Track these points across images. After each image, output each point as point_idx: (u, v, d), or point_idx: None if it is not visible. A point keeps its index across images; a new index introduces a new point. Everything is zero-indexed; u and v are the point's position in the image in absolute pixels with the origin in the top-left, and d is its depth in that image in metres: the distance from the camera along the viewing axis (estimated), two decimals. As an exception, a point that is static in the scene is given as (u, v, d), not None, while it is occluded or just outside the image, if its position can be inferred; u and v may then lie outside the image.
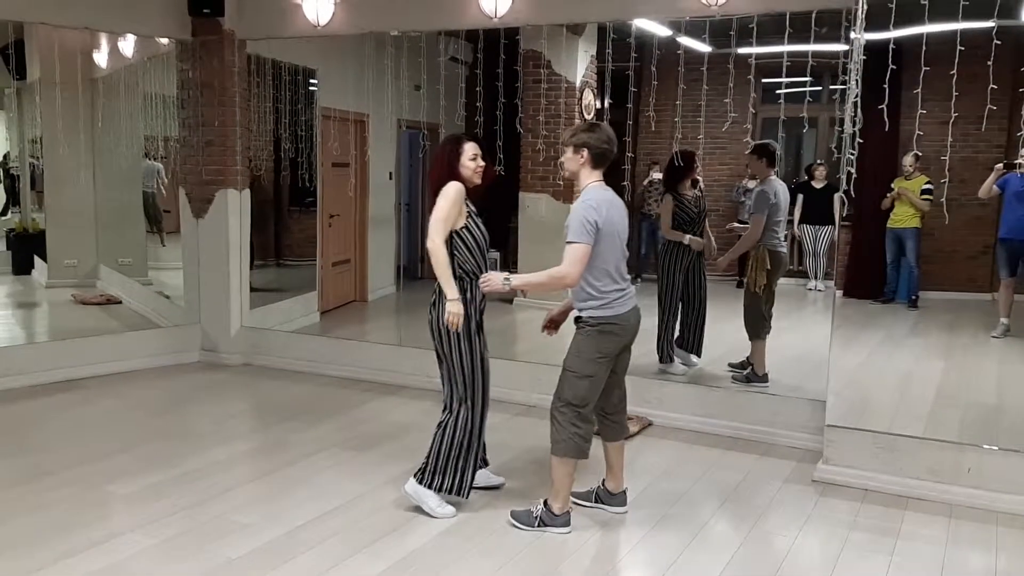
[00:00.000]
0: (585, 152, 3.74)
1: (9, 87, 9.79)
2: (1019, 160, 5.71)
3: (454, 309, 3.80)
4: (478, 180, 3.97)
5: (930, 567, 3.64)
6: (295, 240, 8.80)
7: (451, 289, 3.81)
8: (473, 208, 3.99)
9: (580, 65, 7.82)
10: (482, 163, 3.96)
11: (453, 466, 3.96)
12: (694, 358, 6.27)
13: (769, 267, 5.89)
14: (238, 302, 7.01)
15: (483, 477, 4.28)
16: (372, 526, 3.90)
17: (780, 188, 5.94)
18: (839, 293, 5.07)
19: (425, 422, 4.37)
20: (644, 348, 6.36)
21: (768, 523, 4.08)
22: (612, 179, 7.00)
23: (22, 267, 9.99)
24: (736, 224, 6.70)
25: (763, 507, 4.25)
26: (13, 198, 10.91)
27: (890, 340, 6.81)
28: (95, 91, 8.99)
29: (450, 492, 3.98)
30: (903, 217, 6.88)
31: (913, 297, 7.18)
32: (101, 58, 8.72)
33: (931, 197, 6.76)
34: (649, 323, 6.42)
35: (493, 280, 3.76)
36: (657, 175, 8.02)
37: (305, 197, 8.39)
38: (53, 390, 6.07)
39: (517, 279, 3.79)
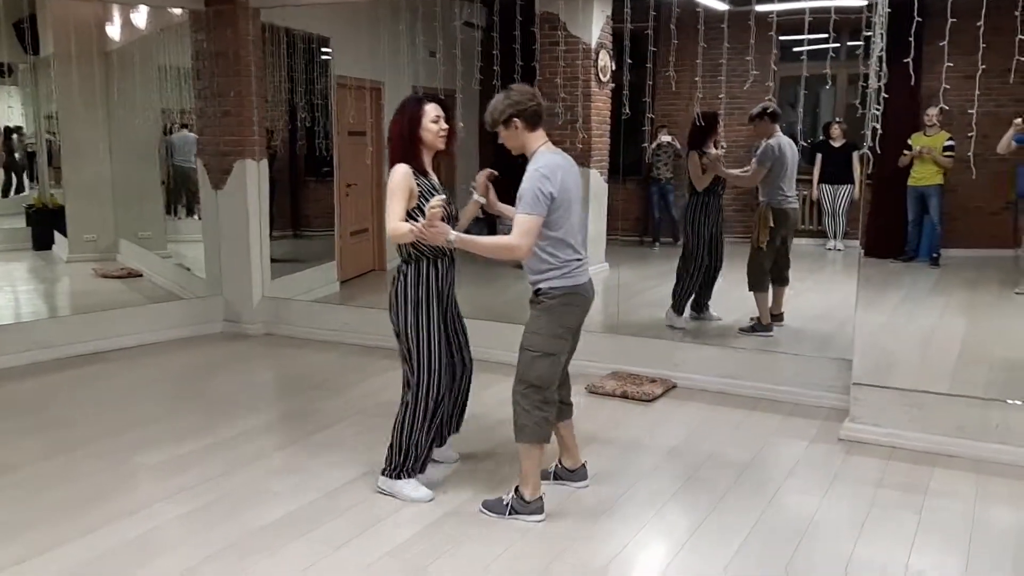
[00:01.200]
0: (517, 121, 3.49)
1: (24, 63, 9.79)
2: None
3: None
4: (441, 145, 3.73)
5: (959, 523, 3.64)
6: (312, 210, 8.81)
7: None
8: (433, 182, 3.75)
9: (596, 26, 7.73)
10: (445, 126, 3.70)
11: (411, 453, 3.81)
12: (710, 311, 6.45)
13: (772, 224, 6.06)
14: (259, 272, 7.03)
15: (441, 453, 4.18)
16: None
17: (786, 143, 6.07)
18: (862, 252, 5.02)
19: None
20: (662, 309, 6.40)
21: (795, 482, 4.08)
22: (631, 144, 7.01)
23: (42, 243, 10.06)
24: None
25: (790, 466, 4.25)
26: (31, 173, 10.95)
27: (912, 298, 6.78)
28: (109, 64, 8.99)
29: (410, 474, 3.85)
30: (926, 175, 6.79)
31: (935, 255, 7.13)
32: (114, 31, 8.70)
33: (953, 154, 6.68)
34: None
35: (439, 230, 3.40)
36: (666, 138, 7.97)
37: (321, 167, 8.38)
38: (79, 363, 6.13)
39: (464, 238, 3.48)
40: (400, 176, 3.63)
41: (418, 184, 3.66)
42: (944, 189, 6.77)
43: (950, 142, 6.66)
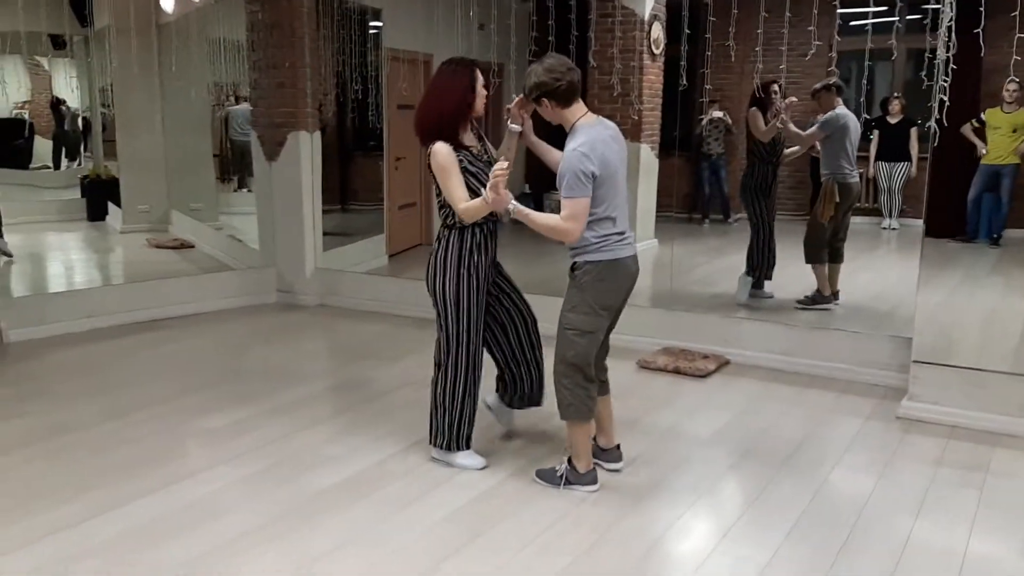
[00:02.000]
0: (546, 101, 3.38)
1: (78, 35, 9.93)
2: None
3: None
4: (481, 111, 3.66)
5: (1022, 503, 3.58)
6: (361, 184, 8.84)
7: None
8: (472, 150, 3.67)
9: (649, -1, 7.65)
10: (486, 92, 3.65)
11: (458, 422, 3.81)
12: (767, 290, 6.43)
13: (838, 199, 6.05)
14: (312, 244, 7.08)
15: (502, 409, 4.16)
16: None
17: (850, 116, 6.06)
18: (924, 229, 4.93)
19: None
20: (719, 287, 6.36)
21: (852, 459, 4.03)
22: (683, 119, 6.93)
23: (96, 214, 10.24)
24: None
25: (846, 443, 4.21)
26: (84, 145, 11.13)
27: (972, 277, 6.63)
28: (163, 37, 9.08)
29: (460, 446, 3.85)
30: (1003, 153, 6.53)
31: (996, 236, 6.94)
32: (168, 3, 8.77)
33: None
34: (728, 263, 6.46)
35: (502, 198, 3.34)
36: (717, 114, 7.89)
37: (370, 141, 8.40)
38: (135, 330, 6.23)
39: (521, 209, 3.40)
40: (447, 154, 3.55)
41: (460, 158, 3.59)
42: (1020, 168, 6.55)
43: (1034, 119, 6.42)
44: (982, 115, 6.31)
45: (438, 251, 3.72)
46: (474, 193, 3.56)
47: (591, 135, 3.38)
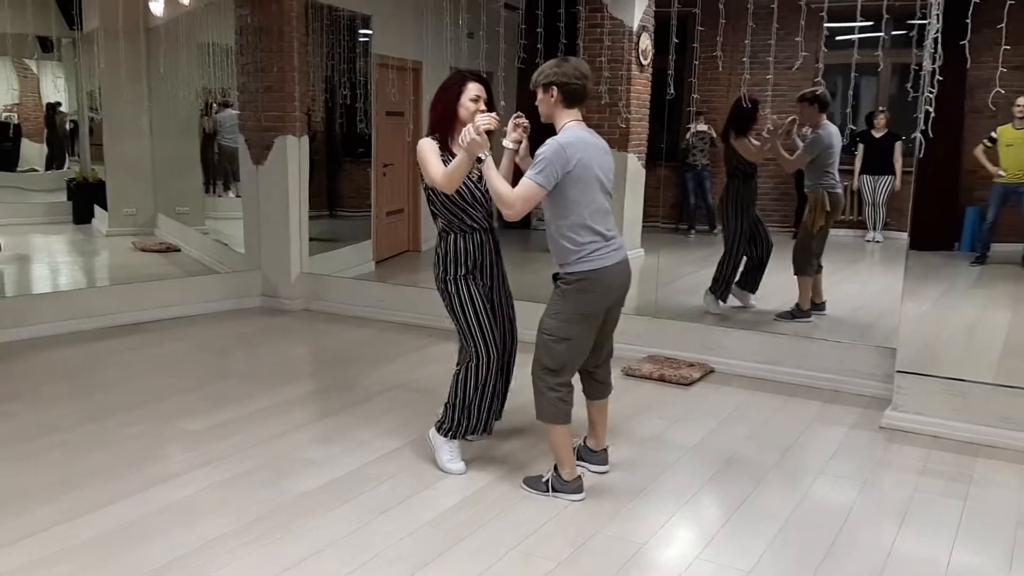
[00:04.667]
0: (555, 90, 3.42)
1: (67, 38, 9.88)
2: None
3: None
4: (491, 128, 3.66)
5: (1005, 512, 3.59)
6: (348, 190, 8.83)
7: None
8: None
9: (638, 9, 7.68)
10: (483, 108, 3.67)
11: (468, 414, 3.83)
12: (752, 298, 6.43)
13: (828, 209, 6.08)
14: (298, 248, 7.06)
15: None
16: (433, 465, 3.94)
17: (834, 132, 6.07)
18: (908, 241, 4.95)
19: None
20: (698, 296, 6.38)
21: (836, 468, 4.04)
22: (669, 129, 6.94)
23: (82, 216, 10.18)
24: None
25: (830, 453, 4.21)
26: (71, 148, 11.07)
27: (956, 290, 6.67)
28: (152, 40, 9.05)
29: (471, 433, 3.88)
30: (1019, 170, 6.40)
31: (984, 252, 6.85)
32: (158, 7, 8.75)
33: None
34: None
35: (480, 140, 3.39)
36: (702, 126, 7.92)
37: (358, 147, 8.39)
38: (119, 332, 6.20)
39: (489, 166, 3.44)
40: (426, 143, 3.66)
41: (444, 159, 3.65)
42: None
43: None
44: (993, 133, 6.25)
45: (436, 256, 3.82)
46: (446, 197, 3.67)
47: (577, 135, 3.43)
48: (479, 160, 3.45)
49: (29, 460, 3.95)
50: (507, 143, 3.68)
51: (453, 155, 3.66)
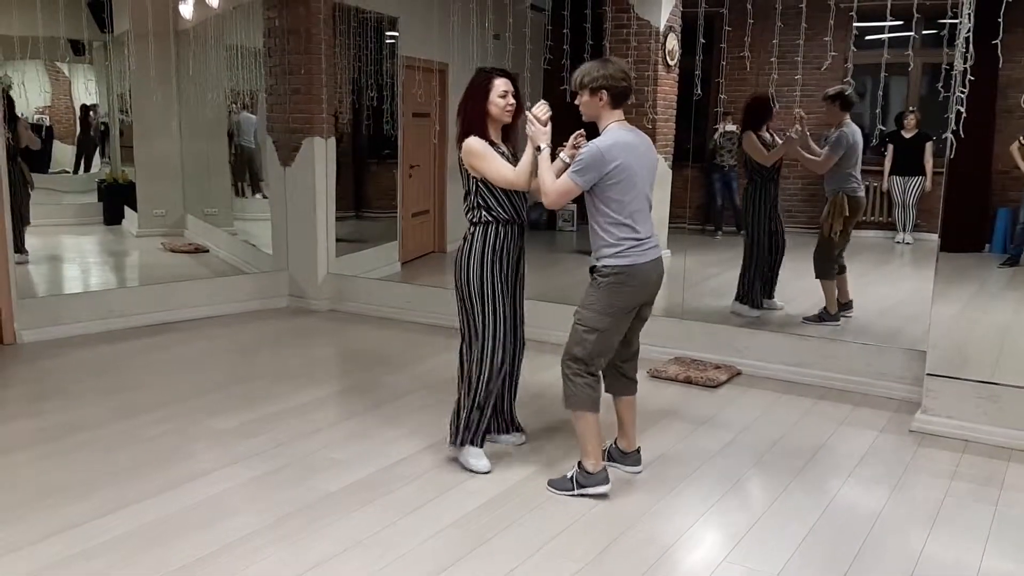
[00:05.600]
0: (604, 94, 3.48)
1: (98, 40, 10.00)
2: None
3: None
4: (507, 119, 3.75)
5: (1037, 518, 3.54)
6: (374, 191, 8.87)
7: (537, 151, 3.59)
8: (507, 150, 3.80)
9: (664, 9, 7.64)
10: (513, 101, 3.72)
11: (479, 415, 3.82)
12: (778, 302, 6.37)
13: (847, 213, 5.99)
14: (325, 249, 7.10)
15: (505, 436, 4.19)
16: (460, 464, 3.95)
17: (857, 132, 6.00)
18: (939, 243, 4.89)
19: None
20: (731, 298, 6.35)
21: (865, 471, 4.00)
22: (696, 130, 6.93)
23: (113, 217, 10.27)
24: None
25: (859, 456, 4.17)
26: (102, 150, 11.20)
27: (987, 292, 6.59)
28: (181, 43, 9.14)
29: (471, 442, 3.86)
30: None
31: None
32: (187, 9, 8.83)
33: None
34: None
35: (539, 132, 3.52)
36: (730, 127, 7.87)
37: (384, 148, 8.43)
38: (150, 332, 6.27)
39: (544, 157, 3.54)
40: (478, 142, 3.68)
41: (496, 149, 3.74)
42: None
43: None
44: None
45: (464, 247, 3.80)
46: (490, 189, 3.71)
47: (619, 137, 3.49)
48: (538, 149, 3.53)
49: (60, 457, 4.00)
50: (564, 156, 3.72)
51: (506, 147, 3.77)
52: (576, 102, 3.60)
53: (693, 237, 8.08)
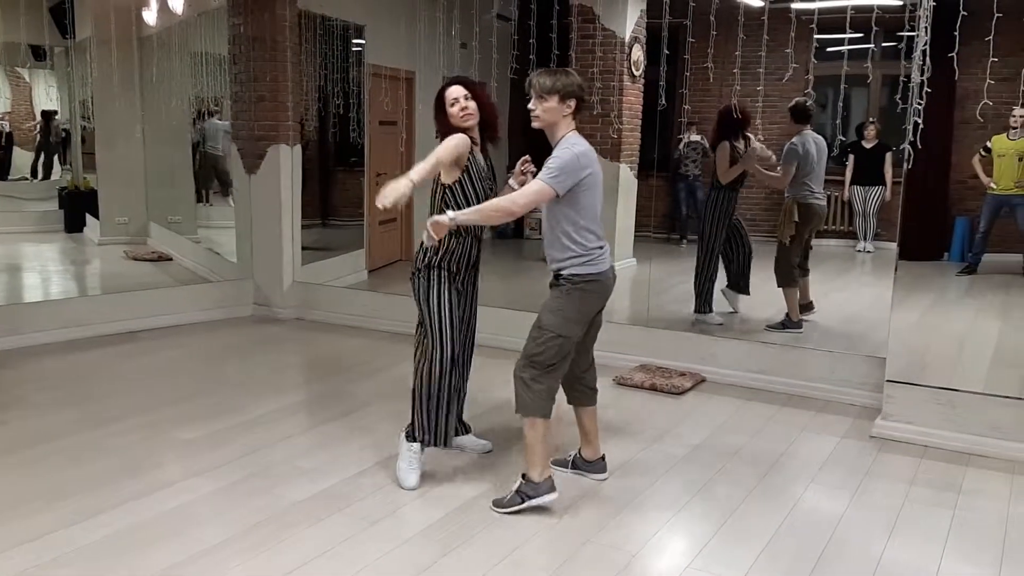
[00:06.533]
0: (573, 102, 3.49)
1: (60, 46, 9.88)
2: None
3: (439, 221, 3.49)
4: (464, 124, 3.73)
5: (994, 521, 3.61)
6: (341, 199, 8.84)
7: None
8: (480, 163, 3.80)
9: (630, 20, 7.72)
10: (465, 104, 3.71)
11: (426, 415, 3.84)
12: (740, 301, 6.47)
13: (797, 219, 6.09)
14: (290, 257, 7.07)
15: (469, 441, 4.23)
16: (426, 474, 3.95)
17: (811, 140, 6.08)
18: (897, 251, 4.98)
19: (480, 376, 4.38)
20: (690, 305, 6.41)
21: (827, 477, 4.06)
22: (661, 139, 6.97)
23: (74, 225, 10.15)
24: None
25: (821, 462, 4.23)
26: (63, 157, 11.06)
27: (946, 300, 6.71)
28: (145, 49, 9.06)
29: (427, 444, 3.86)
30: (1011, 182, 6.39)
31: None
32: (150, 16, 8.77)
33: None
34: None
35: (440, 224, 3.44)
36: (695, 136, 7.96)
37: (351, 156, 8.41)
38: (111, 341, 6.19)
39: (460, 215, 3.47)
40: (455, 140, 3.67)
41: (469, 159, 3.74)
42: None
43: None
44: (988, 143, 6.25)
45: (417, 252, 3.85)
46: (451, 197, 3.73)
47: (586, 145, 3.54)
48: (451, 220, 3.46)
49: (23, 468, 3.95)
50: (512, 183, 3.76)
51: (474, 155, 3.79)
52: (532, 107, 3.54)
53: (658, 245, 8.15)
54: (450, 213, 3.47)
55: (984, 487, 3.95)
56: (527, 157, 3.80)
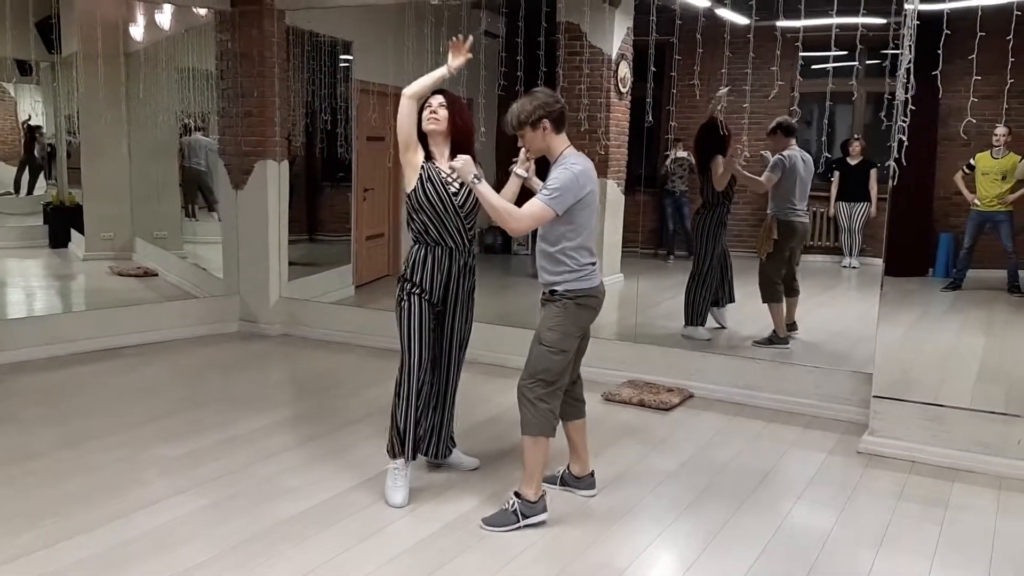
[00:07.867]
0: (546, 123, 3.50)
1: (46, 61, 9.85)
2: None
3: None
4: (428, 127, 3.81)
5: (981, 537, 3.62)
6: (327, 215, 8.83)
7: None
8: (439, 176, 3.78)
9: (616, 38, 7.76)
10: (435, 109, 3.82)
11: (395, 428, 3.86)
12: (727, 313, 6.53)
13: (776, 236, 6.13)
14: (277, 273, 7.05)
15: (455, 458, 4.21)
16: (415, 491, 3.93)
17: (798, 156, 6.14)
18: (883, 267, 5.01)
19: (466, 392, 4.37)
20: (678, 321, 6.43)
21: (814, 493, 4.06)
22: (648, 156, 7.01)
23: (59, 240, 10.09)
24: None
25: (809, 477, 4.23)
26: (48, 172, 11.01)
27: (931, 315, 6.74)
28: (131, 65, 9.05)
29: (398, 455, 3.84)
30: (994, 199, 6.45)
31: (1016, 284, 6.77)
32: (137, 31, 8.76)
33: None
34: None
35: (466, 168, 3.52)
36: (682, 153, 7.99)
37: (338, 172, 8.40)
38: (97, 358, 6.15)
39: (483, 187, 3.52)
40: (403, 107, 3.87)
41: (424, 167, 3.79)
42: (1013, 214, 6.41)
43: (1026, 164, 6.29)
44: (972, 160, 6.29)
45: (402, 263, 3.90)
46: (410, 204, 3.80)
47: (586, 164, 3.56)
48: (476, 179, 3.52)
49: (6, 486, 3.90)
50: (518, 171, 3.76)
51: (434, 164, 3.82)
52: (520, 144, 3.63)
53: (646, 261, 8.17)
54: (478, 173, 3.53)
55: (971, 502, 3.96)
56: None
